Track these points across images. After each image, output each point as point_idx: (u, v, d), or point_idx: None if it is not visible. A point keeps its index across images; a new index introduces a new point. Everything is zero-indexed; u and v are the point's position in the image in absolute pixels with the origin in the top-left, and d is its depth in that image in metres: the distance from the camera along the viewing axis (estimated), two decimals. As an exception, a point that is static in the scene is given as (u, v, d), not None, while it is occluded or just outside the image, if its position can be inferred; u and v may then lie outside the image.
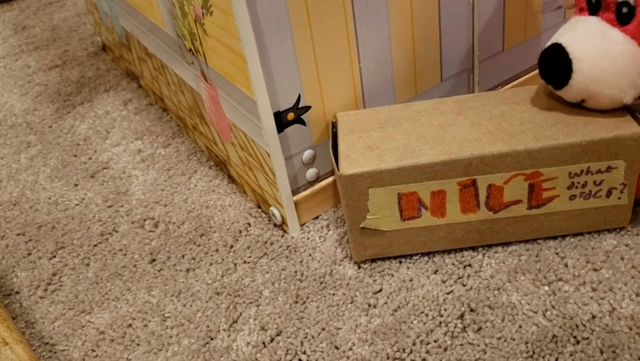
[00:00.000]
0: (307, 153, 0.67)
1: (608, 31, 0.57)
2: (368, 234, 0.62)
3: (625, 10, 0.56)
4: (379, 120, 0.65)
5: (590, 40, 0.57)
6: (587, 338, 0.54)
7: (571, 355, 0.53)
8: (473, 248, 0.64)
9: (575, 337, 0.55)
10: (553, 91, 0.61)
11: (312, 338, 0.58)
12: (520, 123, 0.61)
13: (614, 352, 0.53)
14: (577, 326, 0.55)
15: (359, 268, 0.64)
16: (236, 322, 0.61)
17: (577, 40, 0.58)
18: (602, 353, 0.53)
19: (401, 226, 0.62)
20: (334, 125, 0.66)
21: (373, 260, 0.65)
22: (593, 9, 0.60)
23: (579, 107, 0.62)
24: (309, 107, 0.65)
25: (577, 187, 0.61)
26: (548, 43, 0.60)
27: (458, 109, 0.64)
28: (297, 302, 0.62)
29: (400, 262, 0.64)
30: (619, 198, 0.61)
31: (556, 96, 0.63)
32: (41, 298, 0.67)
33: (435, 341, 0.56)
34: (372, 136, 0.63)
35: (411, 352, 0.56)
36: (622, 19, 0.57)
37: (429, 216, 0.61)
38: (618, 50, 0.56)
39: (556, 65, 0.58)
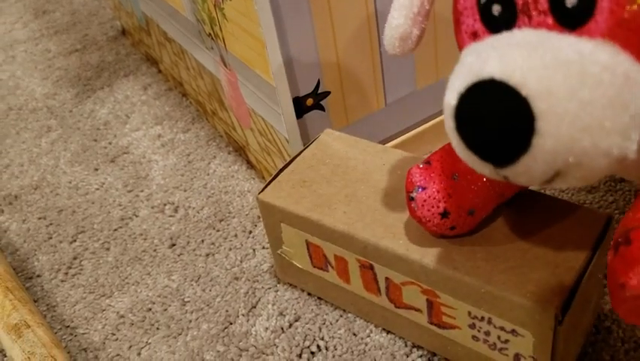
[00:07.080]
0: (326, 139, 0.67)
1: (562, 41, 0.30)
2: (287, 262, 0.59)
3: (573, 2, 0.30)
4: (343, 157, 0.58)
5: (542, 61, 0.29)
6: (609, 327, 0.54)
7: (592, 345, 0.53)
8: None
9: (596, 326, 0.54)
10: (493, 172, 0.33)
11: (331, 324, 0.58)
12: None
13: (635, 342, 0.53)
14: (598, 316, 0.55)
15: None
16: (255, 307, 0.61)
17: (523, 66, 0.29)
18: (623, 343, 0.53)
19: (313, 271, 0.57)
20: (312, 142, 0.61)
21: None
22: (499, 23, 0.34)
23: (538, 225, 0.45)
24: (328, 93, 0.64)
25: (479, 331, 0.46)
26: (463, 85, 0.33)
27: None
28: (315, 288, 0.62)
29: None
30: None
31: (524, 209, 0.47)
32: (62, 281, 0.68)
33: (454, 329, 0.56)
34: (320, 171, 0.56)
35: (429, 339, 0.56)
36: (570, 20, 0.30)
37: (335, 276, 0.56)
38: (597, 64, 0.29)
39: (501, 124, 0.30)
